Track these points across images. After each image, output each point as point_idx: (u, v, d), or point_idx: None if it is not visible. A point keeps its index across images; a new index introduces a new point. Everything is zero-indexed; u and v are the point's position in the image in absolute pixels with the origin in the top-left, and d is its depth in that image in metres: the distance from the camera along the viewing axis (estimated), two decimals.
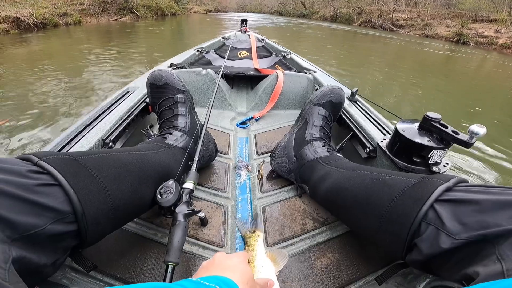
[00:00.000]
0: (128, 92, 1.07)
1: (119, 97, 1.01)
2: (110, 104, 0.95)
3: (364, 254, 0.63)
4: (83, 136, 0.75)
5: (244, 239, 0.67)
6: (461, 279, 0.38)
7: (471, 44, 9.15)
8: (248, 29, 3.06)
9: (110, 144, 0.78)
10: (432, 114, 0.67)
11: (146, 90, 0.90)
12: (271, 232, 0.69)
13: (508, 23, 8.91)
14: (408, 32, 10.98)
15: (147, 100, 1.03)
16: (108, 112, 0.89)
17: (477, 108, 3.62)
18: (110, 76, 3.75)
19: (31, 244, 0.37)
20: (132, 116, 0.93)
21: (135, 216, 0.61)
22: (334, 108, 0.86)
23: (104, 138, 0.78)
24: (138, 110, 0.97)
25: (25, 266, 0.36)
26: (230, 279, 0.37)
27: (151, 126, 0.86)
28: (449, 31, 10.03)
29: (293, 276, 0.59)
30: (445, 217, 0.41)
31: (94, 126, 0.80)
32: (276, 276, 0.56)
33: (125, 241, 0.63)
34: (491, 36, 8.98)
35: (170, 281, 0.47)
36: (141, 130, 0.86)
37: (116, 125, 0.85)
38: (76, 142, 0.72)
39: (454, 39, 9.53)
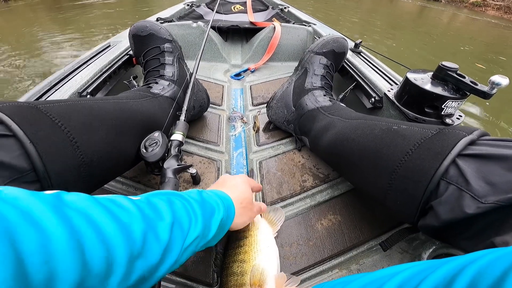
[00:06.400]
0: (109, 46, 0.89)
1: (99, 51, 0.84)
2: (88, 58, 0.78)
3: (367, 215, 0.54)
4: (56, 90, 0.61)
5: None
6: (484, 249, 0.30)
7: (442, 1, 8.51)
8: None
9: (88, 96, 0.64)
10: (448, 64, 0.55)
11: (129, 43, 0.75)
12: (268, 190, 0.59)
13: None
14: None
15: (131, 52, 0.87)
16: (86, 66, 0.73)
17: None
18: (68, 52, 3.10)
19: None
20: (113, 68, 0.77)
21: (117, 174, 0.49)
22: (336, 57, 0.71)
23: (80, 91, 0.64)
24: (120, 63, 0.81)
25: None
26: (228, 195, 0.39)
27: (135, 77, 0.72)
28: None
29: (292, 240, 0.51)
30: (469, 175, 0.31)
31: (70, 79, 0.66)
32: (275, 238, 0.47)
33: None
34: None
35: None
36: (124, 81, 0.71)
37: (95, 77, 0.70)
38: (48, 97, 0.59)
39: None
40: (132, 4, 5.64)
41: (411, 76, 0.60)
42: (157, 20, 1.22)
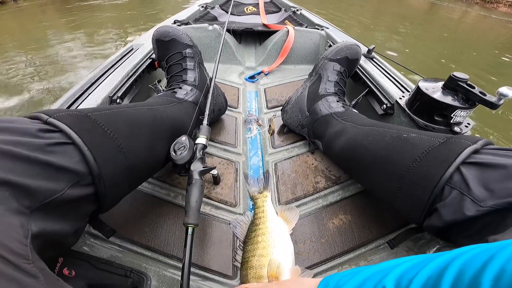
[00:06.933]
0: (132, 49, 0.94)
1: (123, 55, 0.89)
2: (114, 62, 0.84)
3: (376, 216, 0.57)
4: (89, 94, 0.66)
5: (253, 200, 0.60)
6: None
7: None
8: None
9: (118, 100, 0.70)
10: (459, 74, 0.57)
11: (150, 47, 0.79)
12: (283, 190, 0.63)
13: None
14: None
15: (153, 56, 0.91)
16: (113, 70, 0.79)
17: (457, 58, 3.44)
18: (79, 51, 3.15)
19: (52, 213, 0.30)
20: (138, 72, 0.82)
21: (150, 176, 0.54)
22: (349, 64, 0.74)
23: (111, 95, 0.69)
24: (144, 66, 0.86)
25: (48, 238, 0.30)
26: None
27: (159, 81, 0.76)
28: None
29: (305, 237, 0.54)
30: (471, 182, 0.34)
31: (100, 84, 0.71)
32: (290, 235, 0.51)
33: (139, 203, 0.57)
34: None
35: (191, 243, 0.41)
36: (149, 85, 0.76)
37: (123, 82, 0.75)
38: (83, 100, 0.64)
39: None
40: (139, 8, 5.70)
41: (423, 85, 0.62)
42: (175, 22, 1.26)
